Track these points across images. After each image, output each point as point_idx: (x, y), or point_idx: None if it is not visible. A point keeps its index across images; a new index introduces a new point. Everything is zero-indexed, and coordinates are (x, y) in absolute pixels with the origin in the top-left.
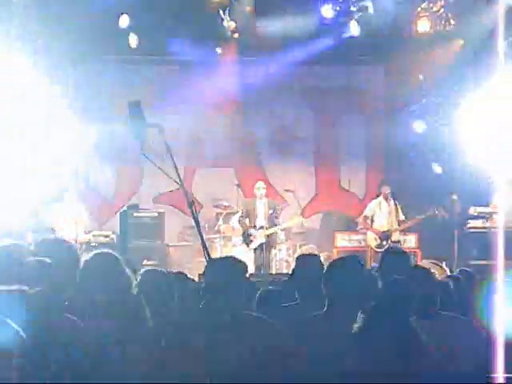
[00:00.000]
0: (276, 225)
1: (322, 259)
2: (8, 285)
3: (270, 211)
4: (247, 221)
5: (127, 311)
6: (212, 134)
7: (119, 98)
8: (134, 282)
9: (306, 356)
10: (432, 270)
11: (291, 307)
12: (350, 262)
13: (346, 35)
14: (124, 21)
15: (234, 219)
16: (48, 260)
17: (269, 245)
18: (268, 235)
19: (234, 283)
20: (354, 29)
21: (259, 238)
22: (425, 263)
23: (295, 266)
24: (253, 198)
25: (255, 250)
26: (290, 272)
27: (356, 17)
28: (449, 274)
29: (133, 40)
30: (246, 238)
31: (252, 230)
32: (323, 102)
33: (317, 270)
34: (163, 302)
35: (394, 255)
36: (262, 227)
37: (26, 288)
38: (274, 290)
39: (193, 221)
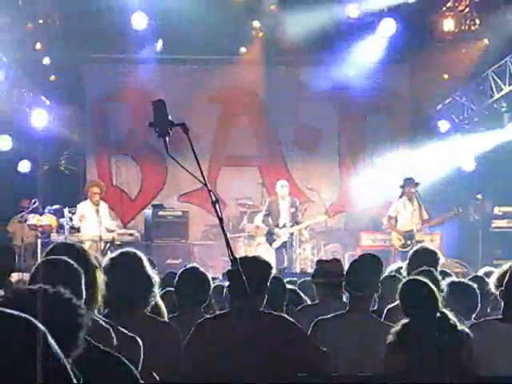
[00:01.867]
0: (299, 223)
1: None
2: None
3: (293, 209)
4: (270, 219)
5: (149, 311)
6: (236, 133)
7: (141, 97)
8: (158, 282)
9: (332, 356)
10: (456, 270)
11: (312, 307)
12: (370, 259)
13: (383, 34)
14: (142, 20)
15: (258, 218)
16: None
17: (292, 243)
18: (291, 233)
19: (258, 283)
20: (387, 26)
21: (283, 236)
22: (449, 262)
23: (315, 270)
24: (276, 197)
25: (278, 248)
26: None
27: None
28: (473, 274)
29: (158, 43)
30: (270, 237)
31: (275, 229)
32: (348, 100)
33: (336, 275)
34: (196, 300)
35: (423, 253)
36: (285, 225)
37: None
38: (294, 289)
39: (217, 219)
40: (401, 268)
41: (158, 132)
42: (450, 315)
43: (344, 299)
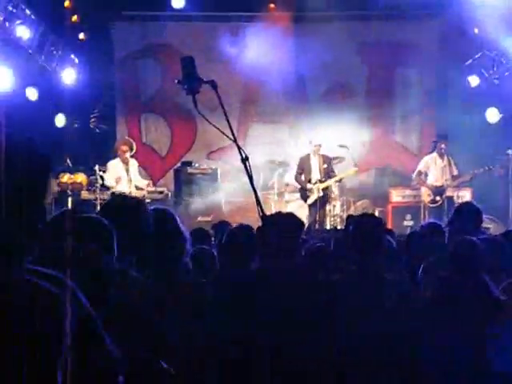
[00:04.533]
0: (332, 177)
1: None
2: None
3: (325, 165)
4: (303, 177)
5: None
6: (265, 91)
7: (172, 55)
8: (188, 240)
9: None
10: (488, 226)
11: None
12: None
13: None
14: None
15: (289, 175)
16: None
17: (324, 199)
18: (324, 189)
19: (290, 240)
20: None
21: (316, 191)
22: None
23: (346, 224)
24: (307, 154)
25: (310, 205)
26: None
27: None
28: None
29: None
30: (304, 194)
31: (308, 185)
32: (377, 56)
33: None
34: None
35: (467, 212)
36: (317, 181)
37: None
38: (325, 247)
39: (246, 176)
40: (433, 224)
41: (186, 89)
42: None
43: None
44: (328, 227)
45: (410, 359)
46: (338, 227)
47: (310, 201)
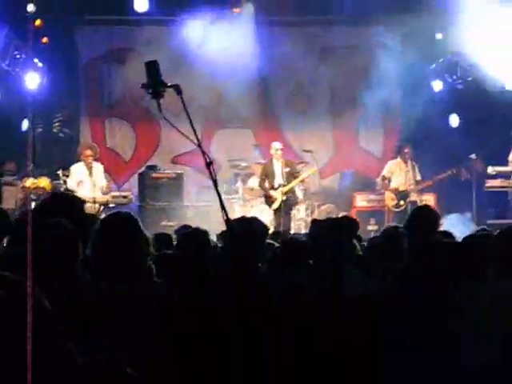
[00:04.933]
0: (295, 178)
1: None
2: None
3: (287, 169)
4: (266, 183)
5: (142, 273)
6: (229, 95)
7: (136, 59)
8: (151, 244)
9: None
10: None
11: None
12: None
13: None
14: None
15: (253, 180)
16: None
17: (288, 203)
18: (287, 192)
19: (253, 244)
20: None
21: (279, 196)
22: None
23: (310, 228)
24: (270, 160)
25: (275, 210)
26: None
27: None
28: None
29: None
30: (268, 200)
31: (271, 191)
32: (339, 61)
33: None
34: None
35: (423, 212)
36: (280, 186)
37: None
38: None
39: (211, 181)
40: (397, 228)
41: (151, 93)
42: None
43: None
44: (292, 231)
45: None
46: (303, 231)
47: (275, 206)
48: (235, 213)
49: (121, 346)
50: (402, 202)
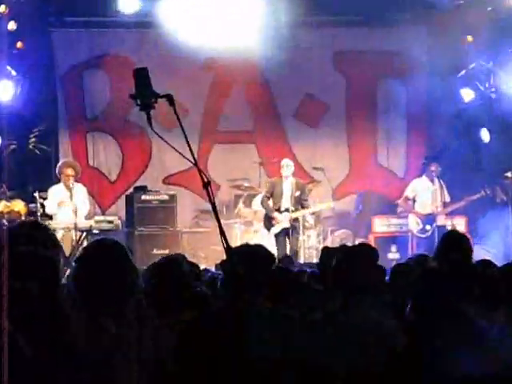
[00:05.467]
0: (304, 207)
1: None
2: None
3: (298, 192)
4: (271, 202)
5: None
6: (230, 106)
7: (122, 66)
8: (140, 275)
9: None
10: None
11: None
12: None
13: None
14: None
15: (256, 201)
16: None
17: (294, 230)
18: (293, 219)
19: (258, 275)
20: None
21: (283, 221)
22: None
23: (321, 256)
24: (278, 178)
25: (277, 235)
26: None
27: None
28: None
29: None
30: (267, 222)
31: (275, 213)
32: (357, 67)
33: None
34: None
35: (452, 238)
36: (287, 210)
37: None
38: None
39: (209, 204)
40: (423, 257)
41: (140, 105)
42: None
43: None
44: (302, 261)
45: None
46: (314, 261)
47: (275, 230)
48: (237, 239)
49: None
50: (428, 227)
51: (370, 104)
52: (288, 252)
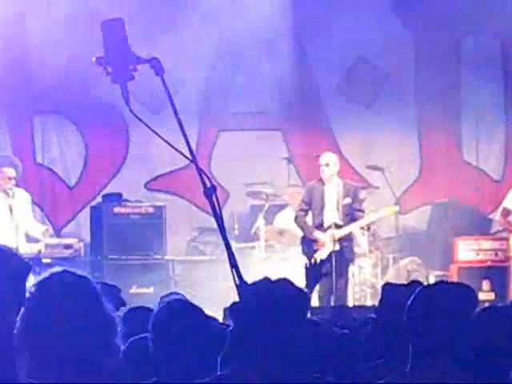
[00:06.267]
0: (356, 220)
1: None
2: None
3: (348, 200)
4: (309, 218)
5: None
6: (244, 79)
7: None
8: (118, 324)
9: None
10: None
11: (373, 368)
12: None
13: None
14: None
15: (284, 216)
16: None
17: (344, 256)
18: (342, 238)
19: (285, 325)
20: None
21: (330, 243)
22: None
23: (381, 299)
24: (316, 182)
25: (321, 265)
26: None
27: None
28: None
29: None
30: (307, 246)
31: (316, 233)
32: (429, 18)
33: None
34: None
35: None
36: (332, 226)
37: None
38: (350, 335)
39: (213, 219)
40: None
41: (111, 74)
42: None
43: None
44: (351, 303)
45: None
46: (369, 302)
47: (320, 257)
48: (255, 271)
49: None
50: None
51: (452, 75)
52: (334, 291)
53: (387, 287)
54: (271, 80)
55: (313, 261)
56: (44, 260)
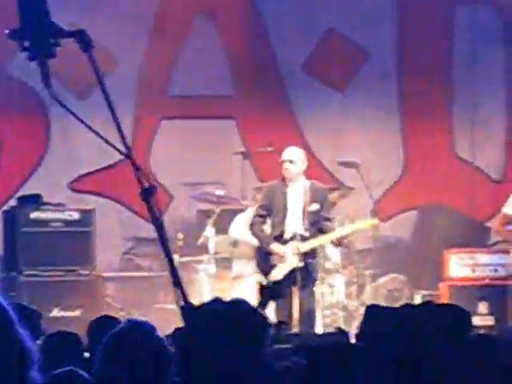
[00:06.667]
0: (325, 231)
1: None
2: None
3: (316, 206)
4: (267, 226)
5: None
6: (191, 54)
7: None
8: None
9: None
10: None
11: None
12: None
13: None
14: None
15: (238, 223)
16: None
17: (310, 275)
18: (306, 254)
19: (240, 357)
20: None
21: (290, 258)
22: None
23: (361, 324)
24: (278, 181)
25: (281, 284)
26: (356, 332)
27: None
28: None
29: None
30: (263, 262)
31: (275, 245)
32: None
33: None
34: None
35: None
36: (295, 237)
37: None
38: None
39: (152, 227)
40: None
41: (28, 50)
42: None
43: None
44: (320, 329)
45: None
46: (343, 326)
47: (278, 276)
48: (203, 290)
49: None
50: None
51: (442, 51)
52: (296, 314)
53: (369, 309)
54: (222, 57)
55: (271, 278)
56: None
